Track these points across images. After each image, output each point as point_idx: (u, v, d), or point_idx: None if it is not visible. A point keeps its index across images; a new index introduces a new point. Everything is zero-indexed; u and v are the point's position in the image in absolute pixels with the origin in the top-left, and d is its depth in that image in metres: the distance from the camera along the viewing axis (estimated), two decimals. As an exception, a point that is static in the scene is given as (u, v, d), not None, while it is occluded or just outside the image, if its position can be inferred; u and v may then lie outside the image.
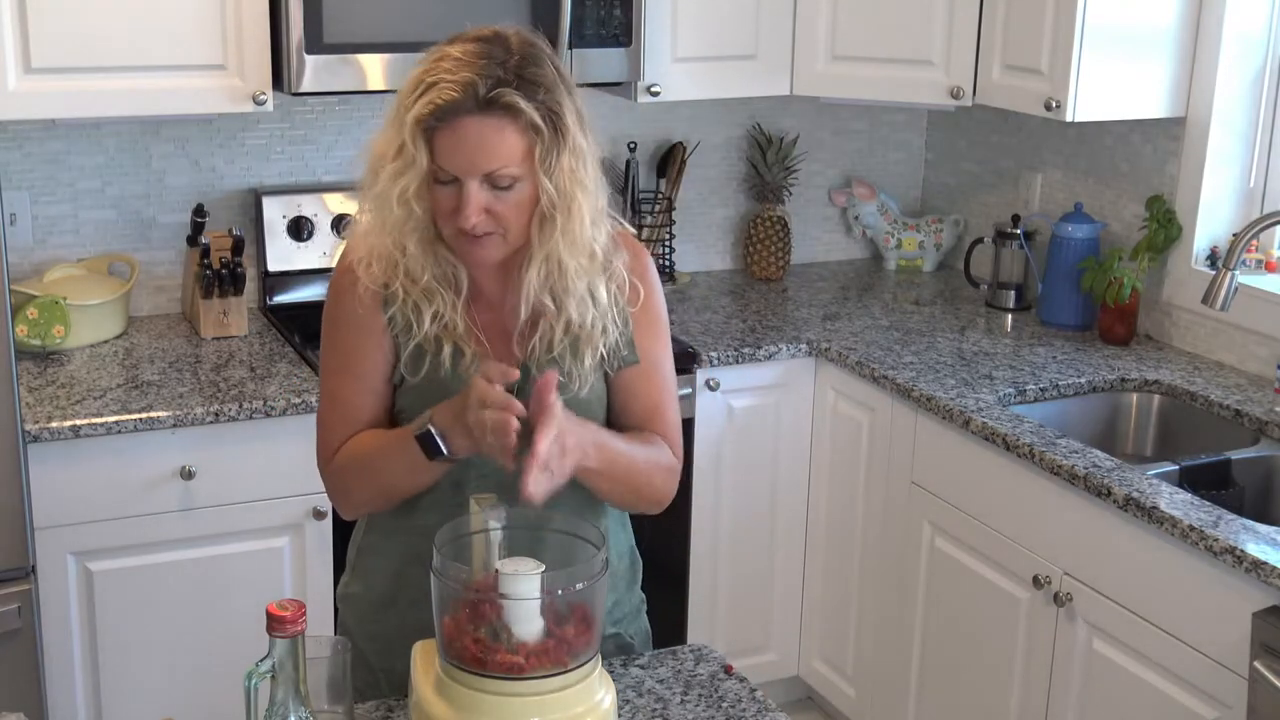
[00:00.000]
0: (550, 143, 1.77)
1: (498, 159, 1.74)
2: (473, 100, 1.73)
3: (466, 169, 1.75)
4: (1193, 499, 2.52)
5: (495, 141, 1.74)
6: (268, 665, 1.49)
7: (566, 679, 1.60)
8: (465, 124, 1.73)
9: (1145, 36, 3.17)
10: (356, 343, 1.89)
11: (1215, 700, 2.41)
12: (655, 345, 1.98)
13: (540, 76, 1.78)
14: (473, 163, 1.74)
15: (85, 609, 2.85)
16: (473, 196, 1.75)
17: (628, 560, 2.03)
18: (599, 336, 1.88)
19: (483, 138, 1.74)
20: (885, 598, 3.27)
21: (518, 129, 1.75)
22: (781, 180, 3.91)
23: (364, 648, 1.93)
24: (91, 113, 2.99)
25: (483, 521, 1.69)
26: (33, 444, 2.70)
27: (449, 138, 1.74)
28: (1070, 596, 2.69)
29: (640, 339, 1.94)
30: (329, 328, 1.93)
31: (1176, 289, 3.34)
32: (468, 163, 1.74)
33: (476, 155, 1.74)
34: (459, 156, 1.74)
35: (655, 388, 1.97)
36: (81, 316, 3.13)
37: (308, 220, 3.41)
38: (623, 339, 1.92)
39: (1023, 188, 3.79)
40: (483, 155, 1.74)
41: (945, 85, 3.41)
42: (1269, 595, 2.30)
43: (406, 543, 1.91)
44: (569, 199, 1.79)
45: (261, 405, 2.85)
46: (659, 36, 3.38)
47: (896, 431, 3.18)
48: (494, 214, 1.77)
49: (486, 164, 1.74)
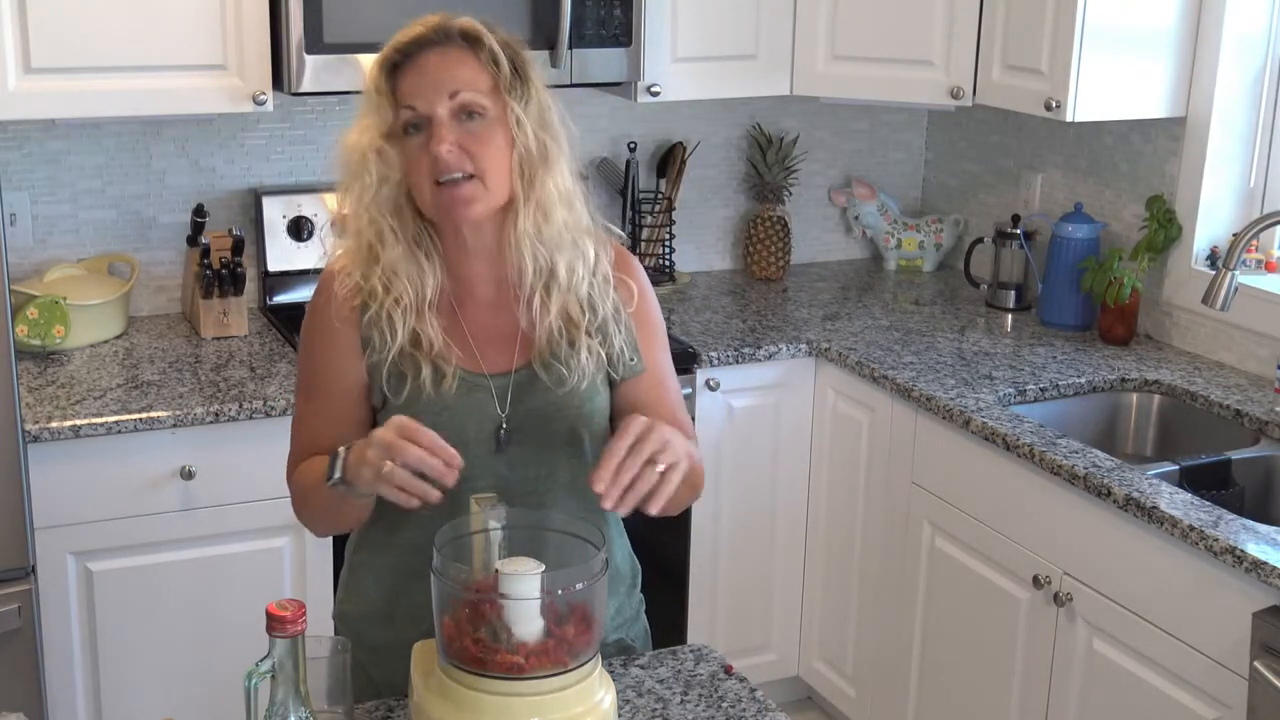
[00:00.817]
0: (513, 82, 1.79)
1: (461, 80, 1.76)
2: (432, 32, 1.78)
3: (432, 93, 1.76)
4: (1193, 499, 2.52)
5: (458, 67, 1.77)
6: (268, 665, 1.49)
7: (566, 679, 1.60)
8: (426, 56, 1.77)
9: (1145, 36, 3.17)
10: (325, 362, 1.87)
11: (1215, 700, 2.41)
12: (660, 352, 1.97)
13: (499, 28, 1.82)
14: (438, 86, 1.76)
15: (85, 609, 2.85)
16: (442, 124, 1.75)
17: (628, 565, 2.03)
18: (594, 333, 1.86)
19: (444, 64, 1.77)
20: (885, 598, 3.27)
21: (479, 60, 1.78)
22: (781, 180, 3.91)
23: (363, 660, 1.93)
24: (91, 113, 2.99)
25: (483, 521, 1.69)
26: (33, 444, 2.70)
27: (413, 74, 1.78)
28: (1070, 596, 2.70)
29: (644, 346, 1.93)
30: (301, 344, 1.93)
31: (1176, 289, 3.34)
32: (431, 87, 1.76)
33: (440, 76, 1.76)
34: (423, 86, 1.76)
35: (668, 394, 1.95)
36: (81, 316, 3.13)
37: (308, 220, 3.41)
38: (628, 345, 1.90)
39: (1023, 188, 3.79)
40: (446, 76, 1.76)
41: (945, 85, 3.41)
42: (1269, 595, 2.30)
43: (398, 559, 1.90)
44: (544, 146, 1.80)
45: (261, 405, 2.85)
46: (659, 36, 3.38)
47: (896, 431, 3.18)
48: (467, 150, 1.76)
49: (450, 83, 1.76)
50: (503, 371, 1.86)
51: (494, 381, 1.85)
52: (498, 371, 1.86)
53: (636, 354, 1.92)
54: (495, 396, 1.85)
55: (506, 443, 1.85)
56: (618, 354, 1.89)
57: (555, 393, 1.85)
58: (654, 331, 1.97)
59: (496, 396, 1.85)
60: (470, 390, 1.84)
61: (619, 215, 3.75)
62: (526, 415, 1.86)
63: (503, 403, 1.85)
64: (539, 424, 1.86)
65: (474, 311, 1.88)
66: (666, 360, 1.99)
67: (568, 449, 1.87)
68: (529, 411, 1.86)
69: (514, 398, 1.85)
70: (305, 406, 1.91)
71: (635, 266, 1.97)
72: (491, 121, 1.77)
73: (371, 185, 1.82)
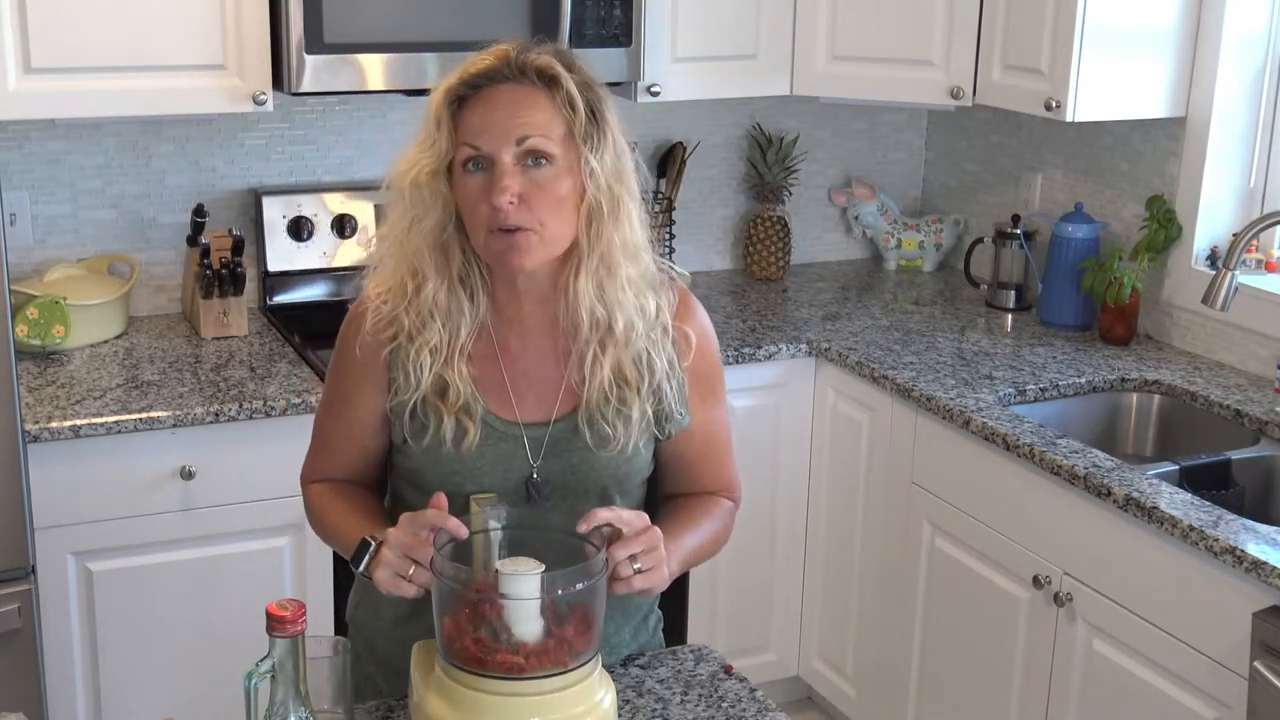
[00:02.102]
0: (589, 127, 1.66)
1: (532, 125, 1.63)
2: (507, 66, 1.65)
3: (499, 137, 1.63)
4: (1193, 499, 2.52)
5: (530, 109, 1.64)
6: (268, 665, 1.49)
7: (566, 679, 1.60)
8: (497, 91, 1.64)
9: (1145, 36, 3.17)
10: (350, 390, 1.84)
11: (1215, 700, 2.41)
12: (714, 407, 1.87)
13: (578, 64, 1.70)
14: (506, 129, 1.62)
15: (85, 609, 2.85)
16: (506, 171, 1.63)
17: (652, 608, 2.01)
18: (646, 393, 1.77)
19: (516, 103, 1.63)
20: (885, 598, 3.27)
21: (554, 102, 1.65)
22: (781, 180, 3.91)
23: (372, 671, 1.92)
24: (91, 113, 2.99)
25: (483, 521, 1.68)
26: (33, 444, 2.70)
27: (480, 108, 1.64)
28: (1070, 596, 2.69)
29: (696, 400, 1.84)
30: (331, 363, 1.89)
31: (1176, 289, 3.34)
32: (501, 129, 1.62)
33: (510, 121, 1.63)
34: (490, 124, 1.63)
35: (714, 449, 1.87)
36: (81, 316, 3.13)
37: (308, 220, 3.41)
38: (677, 400, 1.81)
39: (1023, 188, 3.79)
40: (516, 120, 1.62)
41: (945, 85, 3.41)
42: (1269, 595, 2.30)
43: None
44: (616, 195, 1.69)
45: (261, 405, 2.85)
46: (659, 36, 3.38)
47: (896, 431, 3.18)
48: (528, 202, 1.64)
49: (520, 129, 1.62)
50: (540, 421, 1.79)
51: (528, 431, 1.78)
52: (534, 421, 1.79)
53: (685, 409, 1.83)
54: (528, 447, 1.79)
55: (539, 495, 1.79)
56: (666, 412, 1.81)
57: (595, 453, 1.78)
58: (711, 386, 1.87)
59: (529, 447, 1.79)
60: (498, 440, 1.78)
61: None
62: (560, 470, 1.79)
63: (535, 454, 1.79)
64: (571, 480, 1.80)
65: (518, 355, 1.79)
66: (720, 414, 1.90)
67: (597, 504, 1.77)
68: (564, 467, 1.80)
69: (549, 450, 1.79)
70: (326, 419, 1.90)
71: (697, 314, 1.86)
72: (560, 170, 1.66)
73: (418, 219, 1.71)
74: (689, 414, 1.84)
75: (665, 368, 1.79)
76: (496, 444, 1.79)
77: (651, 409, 1.79)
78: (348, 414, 1.86)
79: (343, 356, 1.86)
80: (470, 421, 1.76)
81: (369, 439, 1.86)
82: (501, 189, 1.63)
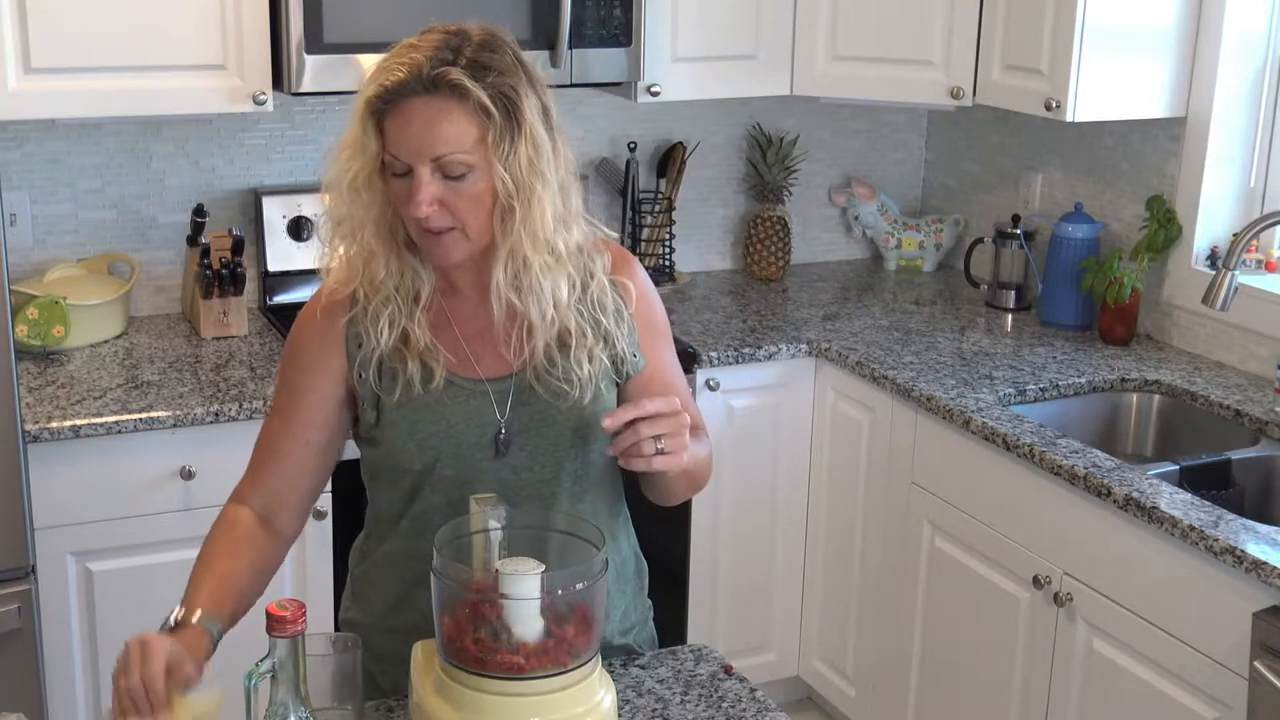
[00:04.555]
0: (504, 129, 1.71)
1: (445, 143, 1.70)
2: (418, 80, 1.69)
3: (415, 153, 1.70)
4: (1193, 499, 2.52)
5: (442, 124, 1.70)
6: (268, 665, 1.49)
7: (566, 679, 1.60)
8: (411, 105, 1.70)
9: (1145, 36, 3.17)
10: (300, 380, 1.87)
11: (1215, 700, 2.41)
12: (665, 350, 1.95)
13: (493, 61, 1.73)
14: (420, 146, 1.70)
15: (85, 609, 2.85)
16: (423, 184, 1.70)
17: (633, 566, 2.02)
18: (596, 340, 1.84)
19: (429, 119, 1.69)
20: (885, 598, 3.27)
21: (466, 112, 1.70)
22: (781, 180, 3.91)
23: (371, 669, 1.92)
24: (91, 113, 2.99)
25: (483, 521, 1.68)
26: (33, 444, 2.70)
27: (397, 120, 1.71)
28: (1070, 596, 2.69)
29: (646, 346, 1.92)
30: (283, 366, 1.92)
31: (1176, 289, 3.34)
32: (415, 145, 1.70)
33: (423, 137, 1.70)
34: (406, 139, 1.71)
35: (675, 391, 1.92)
36: (81, 316, 3.13)
37: (308, 220, 3.41)
38: (630, 344, 1.89)
39: (1023, 188, 3.79)
40: (429, 137, 1.69)
41: (945, 85, 3.41)
42: (1269, 595, 2.30)
43: (407, 566, 1.88)
44: (528, 191, 1.74)
45: (262, 405, 2.85)
46: (659, 36, 3.38)
47: (896, 431, 3.18)
48: (449, 206, 1.72)
49: (433, 147, 1.69)
50: (501, 376, 1.84)
51: (492, 386, 1.84)
52: (495, 376, 1.84)
53: (639, 352, 1.90)
54: (494, 402, 1.83)
55: (507, 447, 1.83)
56: (620, 355, 1.88)
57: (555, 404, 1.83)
58: (656, 330, 1.95)
59: (495, 402, 1.83)
60: (467, 396, 1.83)
61: (619, 215, 3.75)
62: (528, 420, 1.84)
63: (502, 408, 1.83)
64: (540, 427, 1.84)
65: (468, 319, 1.86)
66: (671, 358, 1.97)
67: (571, 450, 1.86)
68: (530, 416, 1.84)
69: (514, 402, 1.84)
70: (274, 421, 1.90)
71: (634, 267, 1.94)
72: (477, 174, 1.72)
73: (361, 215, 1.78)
74: (643, 357, 1.91)
75: (611, 317, 1.86)
76: (466, 401, 1.83)
77: (605, 355, 1.86)
78: (294, 404, 1.87)
79: (296, 344, 1.89)
80: (435, 363, 1.81)
81: (314, 429, 1.86)
82: (418, 203, 1.71)
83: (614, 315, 1.87)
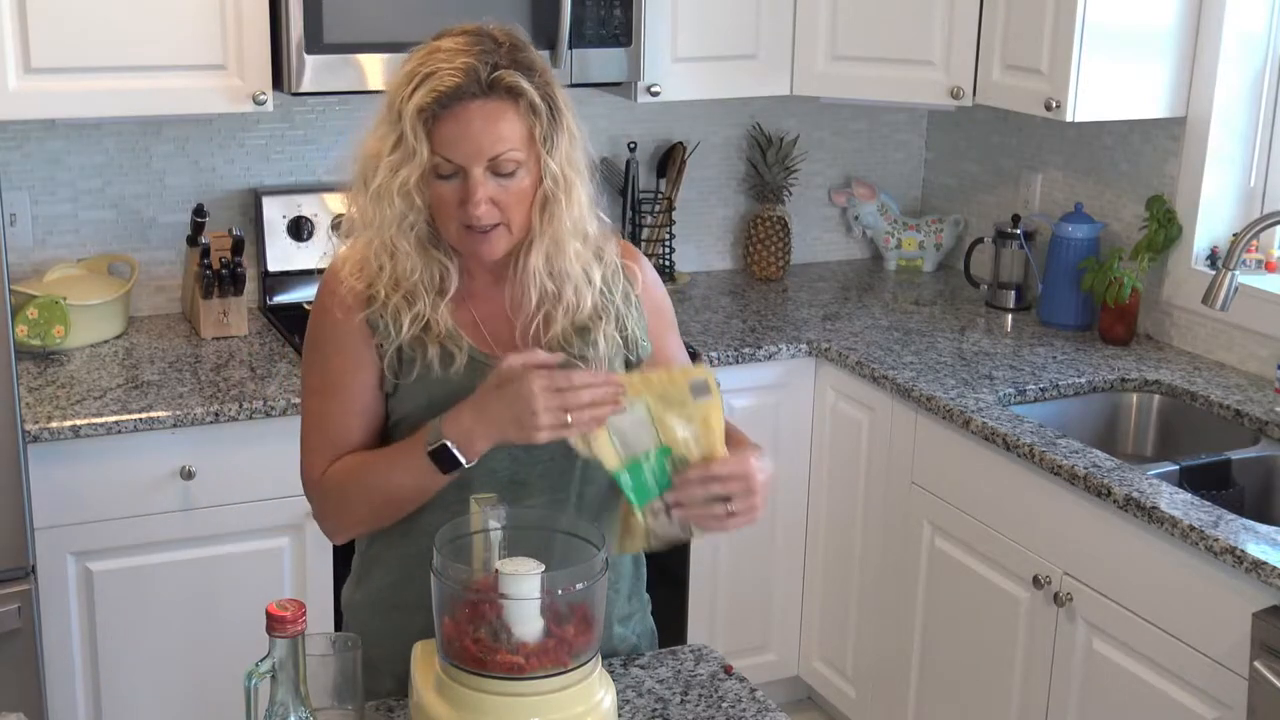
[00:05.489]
0: (549, 125, 1.78)
1: (503, 142, 1.75)
2: (475, 84, 1.74)
3: (472, 155, 1.74)
4: (1193, 499, 2.52)
5: (500, 124, 1.75)
6: (268, 665, 1.49)
7: (566, 679, 1.60)
8: (469, 109, 1.74)
9: (1145, 36, 3.17)
10: (341, 363, 1.86)
11: (1215, 700, 2.41)
12: (671, 336, 2.01)
13: (532, 61, 1.80)
14: (479, 148, 1.74)
15: (85, 609, 2.85)
16: (480, 185, 1.75)
17: (631, 564, 2.03)
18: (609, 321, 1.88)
19: (487, 121, 1.74)
20: (885, 598, 3.27)
21: (519, 112, 1.76)
22: (781, 180, 3.91)
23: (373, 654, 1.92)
24: (91, 113, 2.99)
25: (483, 521, 1.69)
26: (33, 444, 2.70)
27: (452, 125, 1.74)
28: (1070, 596, 2.69)
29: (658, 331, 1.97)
30: (312, 346, 1.91)
31: (1176, 289, 3.34)
32: (474, 148, 1.74)
33: (482, 139, 1.74)
34: (464, 143, 1.74)
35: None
36: (81, 316, 3.13)
37: (308, 220, 3.41)
38: (639, 327, 1.93)
39: (1023, 188, 3.79)
40: (488, 139, 1.74)
41: (945, 85, 3.41)
42: (1269, 595, 2.30)
43: (414, 543, 1.88)
44: (568, 182, 1.81)
45: (261, 405, 2.85)
46: (659, 36, 3.38)
47: (896, 431, 3.18)
48: (499, 204, 1.77)
49: (492, 148, 1.74)
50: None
51: None
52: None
53: (646, 337, 1.95)
54: None
55: None
56: (631, 336, 1.92)
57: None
58: (664, 317, 2.00)
59: None
60: (484, 373, 1.83)
61: (619, 215, 3.75)
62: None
63: None
64: None
65: (483, 299, 1.89)
66: (678, 344, 2.03)
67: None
68: None
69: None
70: (322, 405, 1.89)
71: (639, 254, 2.00)
72: (524, 171, 1.78)
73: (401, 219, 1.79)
74: (649, 342, 1.95)
75: (623, 298, 1.92)
76: (483, 376, 1.83)
77: (620, 335, 1.91)
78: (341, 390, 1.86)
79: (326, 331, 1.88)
80: (456, 348, 1.83)
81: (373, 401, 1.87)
82: (475, 202, 1.75)
83: (623, 298, 1.92)
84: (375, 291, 1.83)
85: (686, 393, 1.75)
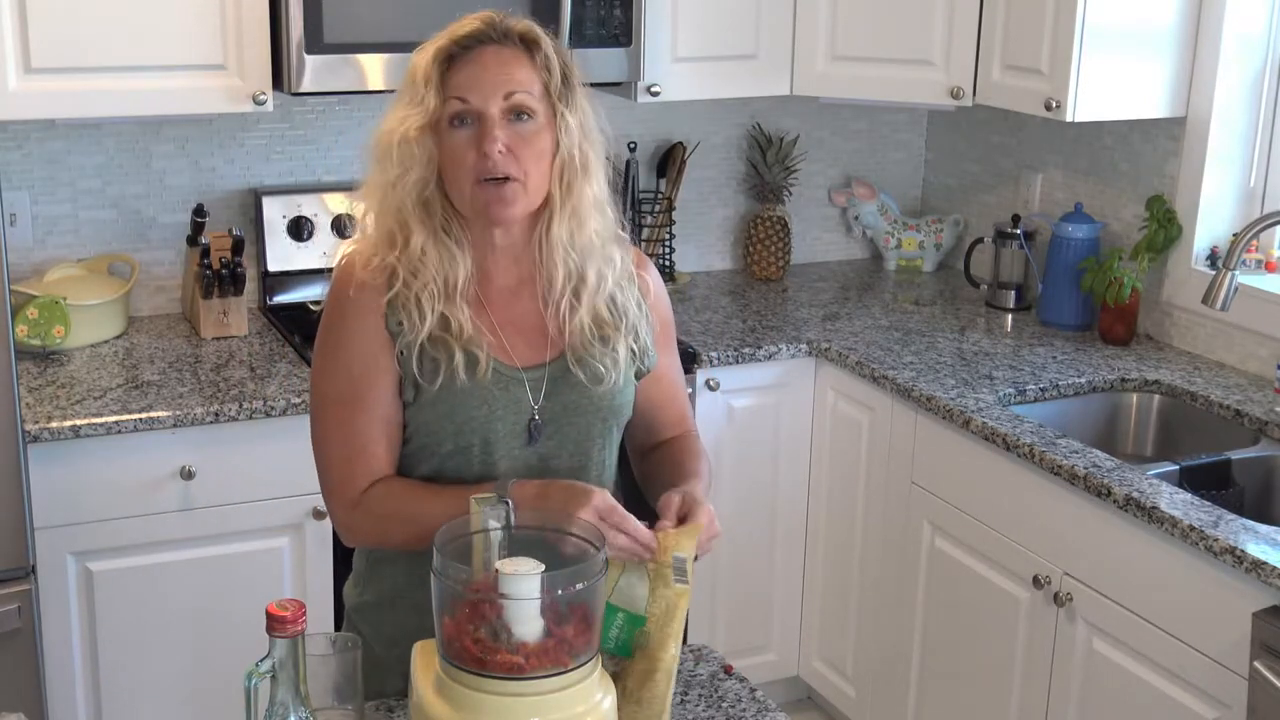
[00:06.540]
0: (562, 89, 1.81)
1: (517, 82, 1.78)
2: (492, 29, 1.79)
3: (489, 91, 1.77)
4: (1193, 499, 2.52)
5: (515, 68, 1.79)
6: (268, 665, 1.49)
7: (566, 679, 1.59)
8: (485, 52, 1.79)
9: (1145, 36, 3.17)
10: (364, 370, 1.83)
11: (1215, 700, 2.41)
12: (671, 352, 2.03)
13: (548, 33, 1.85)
14: (495, 83, 1.77)
15: (85, 609, 2.85)
16: (495, 121, 1.76)
17: None
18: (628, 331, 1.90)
19: (502, 62, 1.78)
20: (885, 598, 3.27)
21: (533, 65, 1.80)
22: (781, 180, 3.91)
23: (383, 654, 1.92)
24: (91, 113, 2.99)
25: (483, 521, 1.68)
26: (33, 444, 2.70)
27: (468, 66, 1.78)
28: (1070, 596, 2.69)
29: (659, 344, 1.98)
30: (327, 352, 1.87)
31: (1176, 289, 3.34)
32: (491, 84, 1.77)
33: (497, 76, 1.77)
34: (480, 80, 1.77)
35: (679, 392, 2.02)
36: (81, 316, 3.13)
37: (308, 220, 3.41)
38: (649, 339, 1.95)
39: (1023, 188, 3.79)
40: (503, 76, 1.77)
41: (945, 85, 3.41)
42: (1269, 595, 2.30)
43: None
44: (585, 155, 1.83)
45: (261, 405, 2.85)
46: (659, 36, 3.38)
47: (896, 431, 3.18)
48: (514, 153, 1.77)
49: (506, 84, 1.77)
50: (535, 365, 1.87)
51: (527, 375, 1.86)
52: (529, 365, 1.87)
53: (653, 348, 1.96)
54: (529, 390, 1.86)
55: (539, 435, 1.87)
56: (643, 348, 1.94)
57: (590, 388, 1.87)
58: (668, 330, 2.02)
59: (530, 390, 1.86)
60: (507, 383, 1.85)
61: (619, 215, 3.75)
62: (560, 409, 1.88)
63: (536, 396, 1.86)
64: (571, 416, 1.88)
65: (500, 305, 1.88)
66: (676, 359, 2.05)
67: (599, 440, 1.91)
68: (563, 405, 1.88)
69: (548, 391, 1.87)
70: (347, 416, 1.85)
71: (650, 266, 2.02)
72: (540, 125, 1.79)
73: (403, 174, 1.80)
74: (655, 354, 1.97)
75: (636, 307, 1.93)
76: (506, 388, 1.85)
77: (635, 346, 1.92)
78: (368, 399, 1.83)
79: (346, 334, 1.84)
80: (480, 352, 1.83)
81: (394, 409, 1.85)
82: (492, 139, 1.76)
83: (637, 308, 1.94)
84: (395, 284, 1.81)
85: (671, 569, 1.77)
